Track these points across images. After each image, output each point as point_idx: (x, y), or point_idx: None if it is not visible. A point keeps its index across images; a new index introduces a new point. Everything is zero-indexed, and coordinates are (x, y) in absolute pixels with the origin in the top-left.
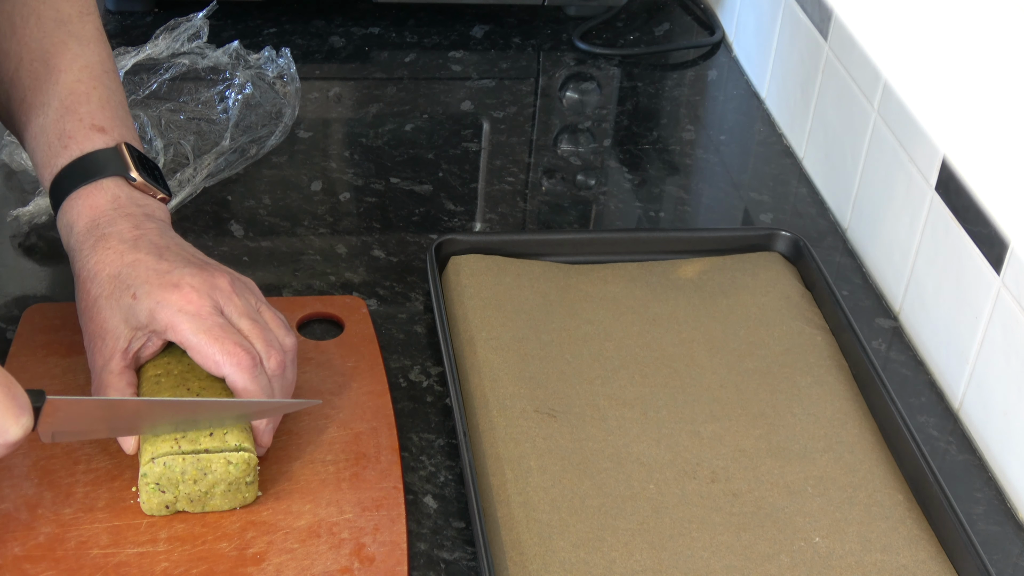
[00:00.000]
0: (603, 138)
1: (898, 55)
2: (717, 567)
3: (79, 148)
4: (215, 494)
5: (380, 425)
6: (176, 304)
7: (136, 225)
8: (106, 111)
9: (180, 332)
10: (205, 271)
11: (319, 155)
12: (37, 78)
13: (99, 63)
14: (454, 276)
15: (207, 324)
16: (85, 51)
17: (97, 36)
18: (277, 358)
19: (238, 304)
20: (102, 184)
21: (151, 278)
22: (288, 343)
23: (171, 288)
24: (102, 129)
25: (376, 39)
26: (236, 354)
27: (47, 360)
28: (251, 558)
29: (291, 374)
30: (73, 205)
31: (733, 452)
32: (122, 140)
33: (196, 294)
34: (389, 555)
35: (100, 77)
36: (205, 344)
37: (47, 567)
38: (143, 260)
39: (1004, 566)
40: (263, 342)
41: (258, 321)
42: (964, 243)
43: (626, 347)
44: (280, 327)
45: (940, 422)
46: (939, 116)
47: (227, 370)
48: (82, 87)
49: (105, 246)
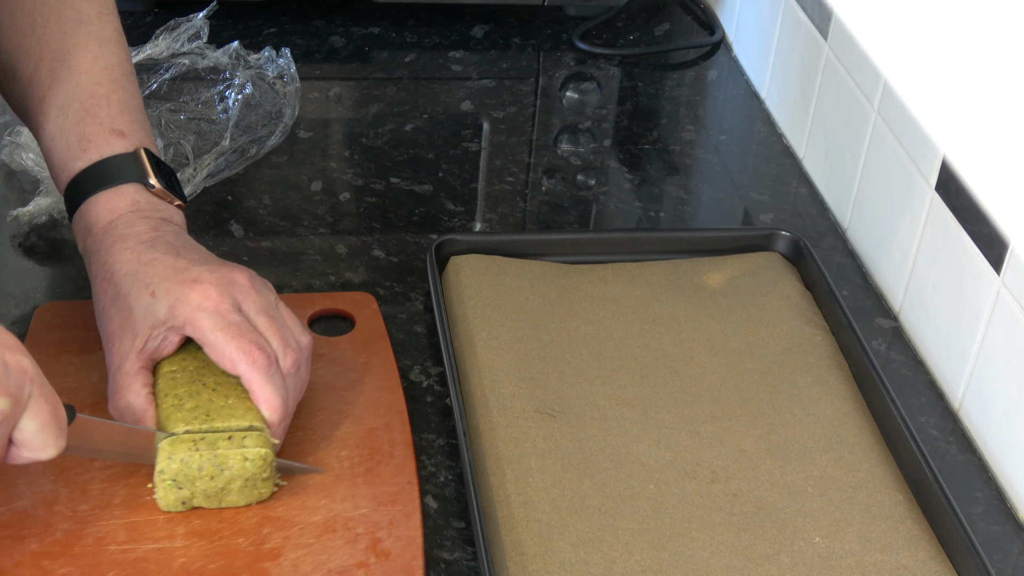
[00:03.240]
0: (603, 138)
1: (898, 55)
2: (717, 567)
3: (98, 152)
4: (231, 490)
5: (393, 420)
6: (195, 300)
7: (154, 227)
8: (125, 115)
9: (198, 328)
10: (223, 268)
11: (319, 155)
12: (57, 78)
13: (118, 65)
14: (454, 276)
15: (225, 321)
16: (105, 52)
17: (116, 37)
18: (293, 356)
19: (256, 300)
20: (122, 189)
21: (169, 275)
22: (304, 341)
23: (190, 284)
24: (121, 133)
25: (376, 39)
26: (252, 353)
27: (60, 358)
28: (268, 553)
29: (305, 373)
30: (92, 209)
31: (733, 452)
32: (141, 145)
33: (215, 290)
34: (405, 549)
35: (119, 80)
36: (222, 342)
37: (65, 563)
38: (160, 259)
39: (1004, 566)
40: (280, 339)
41: (275, 318)
42: (964, 243)
43: (626, 347)
44: (296, 325)
45: (940, 422)
46: (939, 116)
47: (242, 368)
48: (102, 90)
49: (123, 246)
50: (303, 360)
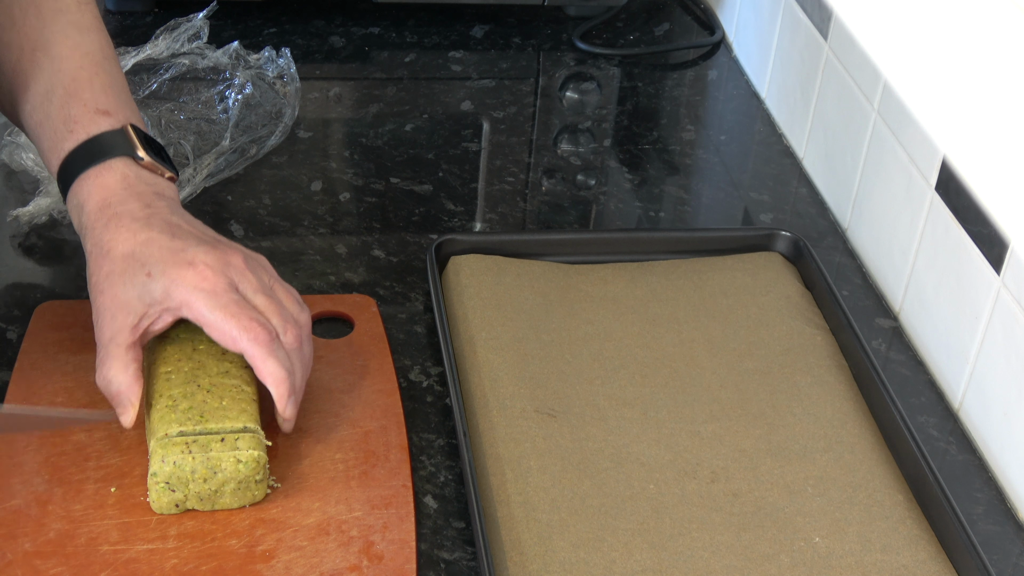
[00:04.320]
0: (603, 138)
1: (898, 55)
2: (717, 567)
3: (85, 132)
4: (225, 492)
5: (390, 424)
6: (191, 282)
7: (147, 204)
8: (109, 95)
9: (195, 309)
10: (218, 249)
11: (319, 155)
12: (39, 67)
13: (99, 50)
14: (454, 276)
15: (223, 301)
16: (85, 39)
17: (96, 24)
18: (294, 332)
19: (252, 281)
20: (110, 164)
21: (165, 256)
22: (303, 318)
23: (186, 266)
24: (107, 112)
25: (376, 39)
26: (253, 329)
27: (58, 357)
28: (260, 555)
29: (308, 349)
30: (83, 186)
31: (733, 452)
32: (127, 122)
33: (211, 271)
34: (398, 553)
35: (101, 63)
36: (222, 320)
37: (57, 563)
38: (156, 239)
39: (1004, 566)
40: (279, 317)
41: (272, 297)
42: (964, 243)
43: (626, 347)
44: (294, 303)
45: (940, 422)
46: (939, 116)
47: (244, 344)
48: (84, 73)
49: (118, 224)
50: (304, 336)
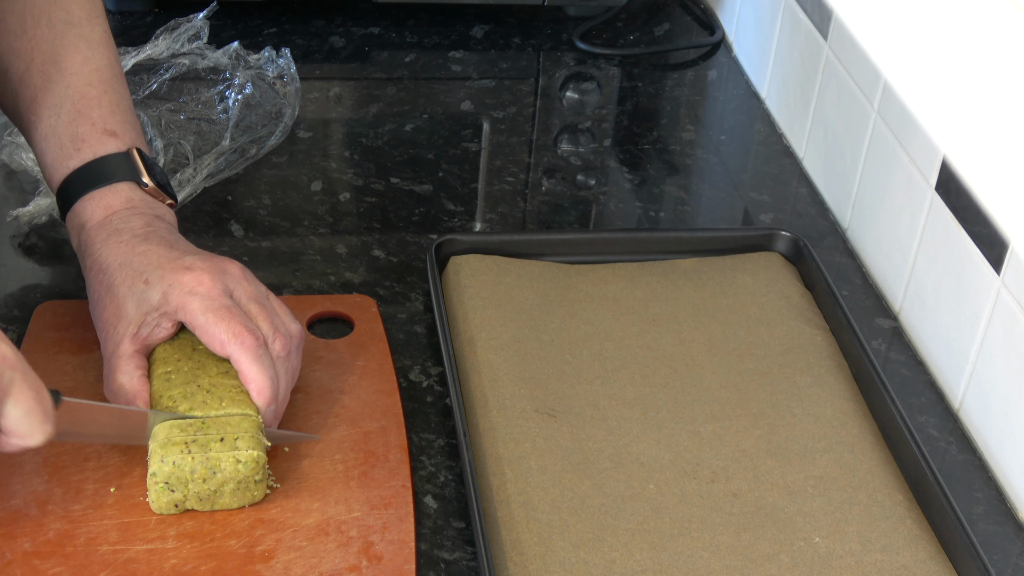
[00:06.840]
0: (603, 138)
1: (898, 55)
2: (717, 567)
3: (91, 152)
4: (224, 492)
5: (389, 424)
6: (187, 285)
7: (147, 223)
8: (117, 116)
9: (189, 312)
10: (215, 258)
11: (319, 155)
12: (48, 79)
13: (108, 67)
14: (454, 276)
15: (215, 305)
16: (95, 54)
17: (106, 39)
18: (282, 341)
19: (248, 289)
20: (116, 187)
21: (163, 263)
22: (294, 329)
23: (183, 271)
24: (114, 134)
25: (376, 39)
26: (241, 334)
27: (58, 357)
28: (259, 556)
29: (296, 360)
30: (86, 206)
31: (733, 452)
32: (133, 145)
33: (207, 276)
34: (397, 554)
35: (110, 81)
36: (212, 323)
37: (56, 563)
38: (154, 249)
39: (1004, 566)
40: (269, 325)
41: (266, 306)
42: (964, 243)
43: (626, 347)
44: (287, 315)
45: (940, 422)
46: (939, 116)
47: (231, 349)
48: (93, 91)
49: (117, 240)
50: (293, 347)
